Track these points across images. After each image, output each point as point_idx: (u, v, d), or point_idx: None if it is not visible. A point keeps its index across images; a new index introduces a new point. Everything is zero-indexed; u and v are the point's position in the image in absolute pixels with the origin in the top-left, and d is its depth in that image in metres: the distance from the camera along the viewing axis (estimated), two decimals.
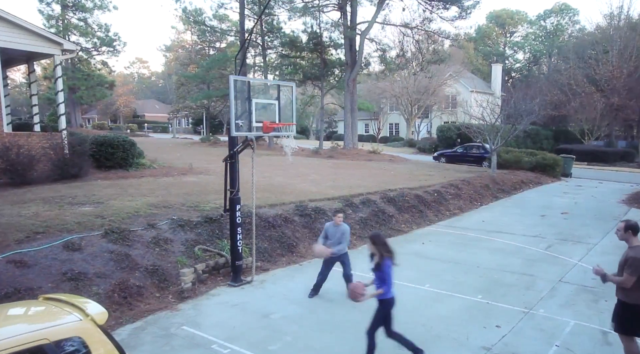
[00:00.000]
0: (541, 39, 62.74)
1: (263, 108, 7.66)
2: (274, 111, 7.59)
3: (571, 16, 62.53)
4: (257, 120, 7.26)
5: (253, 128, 7.18)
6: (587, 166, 29.89)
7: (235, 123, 6.91)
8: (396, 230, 11.66)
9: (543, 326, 6.34)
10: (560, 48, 53.71)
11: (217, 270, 8.37)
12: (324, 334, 6.05)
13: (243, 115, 7.17)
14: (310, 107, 41.18)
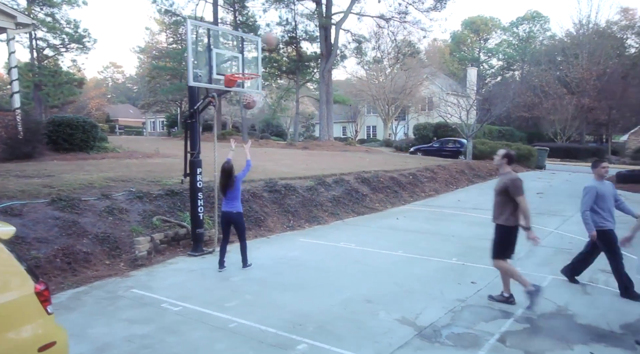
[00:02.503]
0: (514, 46, 64.22)
1: (225, 64, 7.21)
2: (236, 68, 7.15)
3: (542, 23, 64.31)
4: (218, 74, 6.80)
5: (214, 80, 6.69)
6: (560, 162, 30.34)
7: (193, 72, 6.41)
8: (370, 208, 11.27)
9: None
10: (532, 54, 55.06)
11: (177, 240, 7.78)
12: (287, 293, 5.57)
13: (203, 66, 6.69)
14: (284, 113, 40.85)
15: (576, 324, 4.61)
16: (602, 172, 5.57)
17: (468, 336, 4.36)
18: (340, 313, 4.92)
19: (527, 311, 4.91)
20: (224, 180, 6.47)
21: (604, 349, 4.08)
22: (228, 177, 6.46)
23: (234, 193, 6.47)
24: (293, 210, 9.99)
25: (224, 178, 6.47)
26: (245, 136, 24.65)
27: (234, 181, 6.45)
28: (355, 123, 51.12)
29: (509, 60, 63.63)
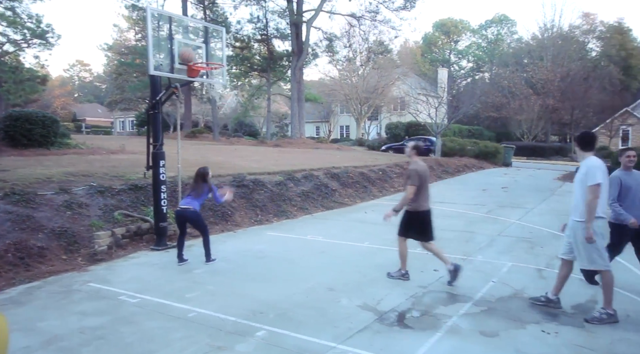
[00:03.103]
0: (483, 48, 65.86)
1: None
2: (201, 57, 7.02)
3: (510, 27, 66.24)
4: (181, 64, 6.66)
5: (176, 70, 6.55)
6: (526, 159, 31.28)
7: (154, 61, 6.26)
8: (339, 202, 11.30)
9: (481, 268, 6.16)
10: (500, 56, 56.63)
11: (140, 235, 7.58)
12: (251, 283, 5.51)
13: (165, 55, 6.55)
14: (257, 113, 40.55)
15: (531, 306, 4.73)
16: (625, 162, 5.14)
17: (427, 319, 4.42)
18: (303, 301, 4.90)
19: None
20: (194, 184, 6.52)
21: (555, 327, 4.20)
22: (200, 181, 6.46)
23: (198, 196, 6.40)
24: (261, 205, 9.91)
25: (195, 182, 6.53)
26: (217, 135, 24.35)
27: (202, 188, 6.41)
28: (329, 123, 51.27)
29: (479, 62, 65.21)
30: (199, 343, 3.85)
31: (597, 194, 4.16)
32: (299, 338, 3.97)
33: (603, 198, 4.29)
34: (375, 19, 22.93)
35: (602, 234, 4.35)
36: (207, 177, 6.48)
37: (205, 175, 6.46)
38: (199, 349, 3.75)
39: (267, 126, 27.95)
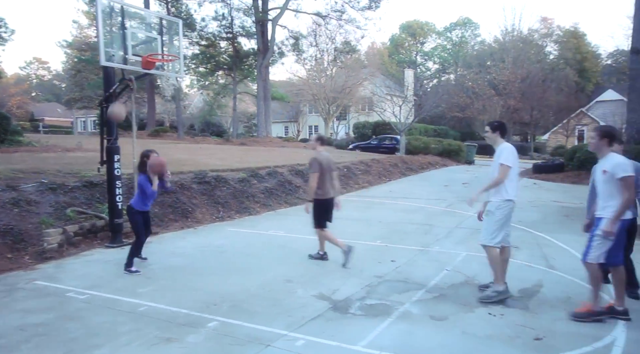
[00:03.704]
0: (449, 50, 67.50)
1: (144, 45, 6.92)
2: (155, 49, 6.87)
3: (473, 29, 68.15)
4: (135, 55, 6.50)
5: (129, 61, 6.38)
6: (489, 158, 32.24)
7: (105, 51, 6.08)
8: (303, 199, 11.27)
9: (436, 258, 6.30)
10: (464, 58, 58.23)
11: (95, 232, 7.33)
12: (207, 277, 5.44)
13: (118, 46, 6.36)
14: (224, 112, 40.07)
15: (481, 292, 4.87)
16: None
17: (380, 306, 4.48)
18: (258, 293, 4.88)
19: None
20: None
21: (501, 309, 4.35)
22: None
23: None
24: (223, 201, 9.79)
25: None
26: (181, 134, 23.88)
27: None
28: (297, 123, 51.25)
29: (444, 64, 66.77)
30: (147, 336, 3.76)
31: (506, 174, 4.44)
32: (251, 327, 3.94)
33: (513, 181, 4.53)
34: (341, 18, 23.13)
35: (505, 215, 4.54)
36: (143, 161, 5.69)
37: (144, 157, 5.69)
38: (147, 341, 3.67)
39: (233, 125, 27.61)
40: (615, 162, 4.00)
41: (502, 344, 3.61)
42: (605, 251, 4.03)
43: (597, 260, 4.06)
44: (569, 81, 45.58)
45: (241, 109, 48.75)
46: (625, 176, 3.91)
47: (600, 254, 4.04)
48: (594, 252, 4.05)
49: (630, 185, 3.92)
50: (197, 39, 24.33)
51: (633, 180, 3.94)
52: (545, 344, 3.62)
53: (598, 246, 4.03)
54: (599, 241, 4.03)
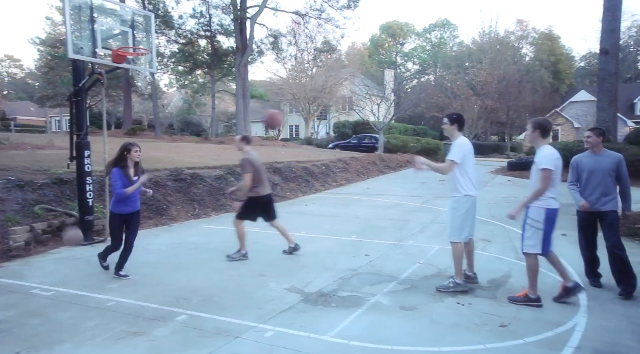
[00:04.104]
0: (428, 51, 68.34)
1: (114, 38, 6.80)
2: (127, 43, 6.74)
3: (452, 31, 69.18)
4: (106, 48, 6.37)
5: (98, 54, 6.26)
6: None
7: (74, 44, 5.94)
8: (280, 196, 11.28)
9: (410, 252, 6.36)
10: (443, 59, 59.06)
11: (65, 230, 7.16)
12: (179, 272, 5.38)
13: (87, 39, 6.23)
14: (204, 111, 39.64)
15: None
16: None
17: (351, 298, 4.50)
18: (230, 287, 4.85)
19: (411, 279, 5.16)
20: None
21: (469, 299, 4.43)
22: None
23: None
24: (199, 199, 9.70)
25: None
26: (159, 133, 23.51)
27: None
28: None
29: (424, 64, 67.56)
30: (113, 330, 3.70)
31: (451, 169, 4.57)
32: (220, 320, 3.92)
33: (466, 176, 4.61)
34: (320, 17, 23.15)
35: (466, 209, 4.63)
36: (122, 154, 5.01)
37: (124, 150, 5.02)
38: (113, 335, 3.60)
39: (212, 124, 27.34)
40: (542, 154, 4.23)
41: (468, 331, 3.68)
42: (541, 241, 4.20)
43: (534, 250, 4.24)
44: (544, 82, 46.78)
45: (221, 109, 48.30)
46: (544, 168, 4.13)
47: (535, 243, 4.22)
48: (528, 242, 4.25)
49: (545, 178, 4.13)
50: (175, 37, 24.00)
51: (549, 174, 4.13)
52: (509, 330, 3.70)
53: (531, 236, 4.23)
54: (530, 231, 4.24)
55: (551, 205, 4.19)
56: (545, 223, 4.18)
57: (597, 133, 4.73)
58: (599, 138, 4.69)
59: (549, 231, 4.22)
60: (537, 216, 4.20)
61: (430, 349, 3.38)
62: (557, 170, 4.21)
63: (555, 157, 4.23)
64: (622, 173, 4.61)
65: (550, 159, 4.16)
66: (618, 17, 14.30)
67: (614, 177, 4.62)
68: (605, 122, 14.35)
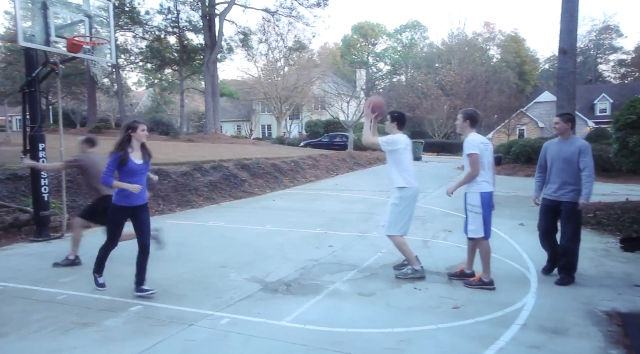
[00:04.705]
0: (399, 52, 69.28)
1: (70, 27, 6.59)
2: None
3: (422, 32, 70.33)
4: (59, 36, 6.16)
5: (52, 42, 6.04)
6: (437, 155, 33.40)
7: (23, 30, 5.72)
8: (248, 192, 11.20)
9: (373, 242, 6.43)
10: (414, 59, 60.04)
11: (18, 227, 6.90)
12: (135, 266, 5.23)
13: (41, 27, 6.00)
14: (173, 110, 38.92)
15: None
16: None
17: (311, 286, 4.52)
18: (190, 278, 4.78)
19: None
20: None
21: (426, 284, 4.52)
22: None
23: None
24: (164, 195, 9.51)
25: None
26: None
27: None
28: (250, 122, 50.73)
29: (395, 65, 68.44)
30: (62, 322, 3.58)
31: (373, 142, 4.87)
32: (176, 309, 3.85)
33: (405, 171, 4.77)
34: (290, 14, 23.10)
35: (407, 204, 4.77)
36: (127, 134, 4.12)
37: (129, 129, 4.14)
38: (60, 327, 3.49)
39: (181, 122, 26.86)
40: (468, 140, 4.42)
41: (422, 314, 3.75)
42: (482, 225, 4.38)
43: (477, 234, 4.42)
44: (510, 83, 48.16)
45: (192, 108, 47.55)
46: (470, 153, 4.34)
47: (477, 228, 4.41)
48: (471, 227, 4.44)
49: (473, 162, 4.34)
50: (142, 34, 23.45)
51: (477, 158, 4.33)
52: (462, 311, 3.79)
53: (473, 221, 4.42)
54: (471, 216, 4.42)
55: (485, 189, 4.38)
56: (482, 207, 4.36)
57: (565, 119, 4.59)
58: (566, 125, 4.54)
59: (486, 215, 4.38)
60: (474, 201, 4.39)
61: (384, 330, 3.43)
62: (484, 154, 4.40)
63: (480, 142, 4.41)
64: (584, 161, 4.38)
65: (475, 144, 4.35)
66: (575, 17, 14.83)
67: (577, 166, 4.41)
68: None
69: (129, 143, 4.12)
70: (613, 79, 58.86)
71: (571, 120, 4.61)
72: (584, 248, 5.85)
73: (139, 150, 4.20)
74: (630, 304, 3.91)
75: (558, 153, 4.57)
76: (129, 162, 4.08)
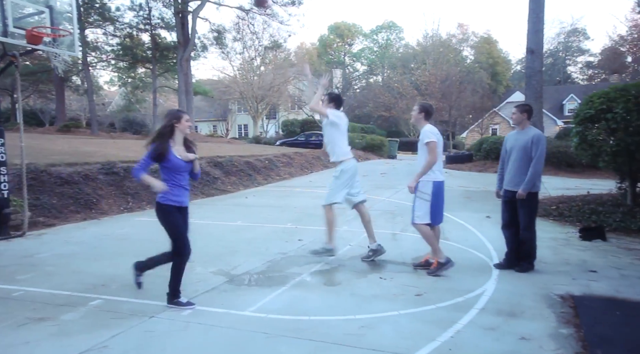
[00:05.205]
0: (376, 53, 69.90)
1: (32, 18, 6.39)
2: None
3: (398, 33, 71.15)
4: (18, 27, 5.97)
5: (10, 33, 5.85)
6: (412, 154, 33.83)
7: None
8: (221, 190, 11.11)
9: (343, 236, 6.47)
10: (390, 60, 60.71)
11: None
12: (101, 261, 5.15)
13: None
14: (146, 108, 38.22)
15: (378, 261, 5.09)
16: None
17: (277, 277, 4.51)
18: (154, 272, 4.64)
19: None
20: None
21: (392, 275, 4.57)
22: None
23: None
24: (133, 192, 9.33)
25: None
26: (95, 129, 22.37)
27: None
28: (226, 122, 50.28)
29: (371, 65, 69.03)
30: (16, 317, 3.47)
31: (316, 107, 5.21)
32: (138, 302, 3.80)
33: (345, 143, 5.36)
34: (264, 13, 22.96)
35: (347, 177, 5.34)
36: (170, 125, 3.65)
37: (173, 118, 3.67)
38: (14, 323, 3.38)
39: (154, 121, 26.39)
40: (424, 130, 4.61)
41: (385, 301, 3.80)
42: (429, 212, 4.53)
43: (423, 220, 4.56)
44: (483, 83, 49.19)
45: (167, 108, 46.78)
46: (428, 141, 4.51)
47: (423, 214, 4.55)
48: (417, 213, 4.59)
49: (432, 149, 4.50)
50: (113, 32, 22.92)
51: (434, 145, 4.50)
52: (424, 298, 3.86)
53: (419, 208, 4.58)
54: (419, 203, 4.59)
55: (437, 178, 4.53)
56: (432, 195, 4.49)
57: (521, 109, 4.64)
58: (522, 115, 4.59)
59: (435, 203, 4.52)
60: (426, 189, 4.53)
61: (347, 317, 3.46)
62: (439, 144, 4.55)
63: (436, 132, 4.60)
64: (535, 151, 4.41)
65: (432, 133, 4.53)
66: (542, 18, 15.28)
67: (531, 156, 4.43)
68: (532, 117, 15.31)
69: (171, 135, 3.65)
70: (581, 81, 60.86)
71: (527, 110, 4.67)
72: (545, 238, 6.06)
73: (182, 144, 3.72)
74: (584, 288, 4.06)
75: (515, 143, 4.65)
76: (170, 157, 3.60)
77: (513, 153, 4.63)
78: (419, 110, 4.72)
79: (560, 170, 14.08)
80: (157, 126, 22.27)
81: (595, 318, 3.26)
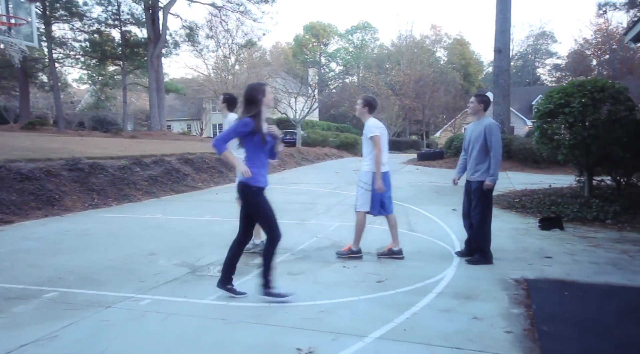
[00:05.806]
0: (351, 53, 70.33)
1: None
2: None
3: (372, 33, 71.82)
4: None
5: None
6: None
7: None
8: (191, 186, 10.97)
9: (311, 229, 6.50)
10: (365, 60, 61.19)
11: None
12: (60, 256, 5.01)
13: None
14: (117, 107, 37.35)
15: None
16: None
17: (241, 268, 4.48)
18: (115, 265, 4.61)
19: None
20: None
21: (356, 263, 4.62)
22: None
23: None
24: (99, 189, 9.11)
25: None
26: (62, 127, 21.70)
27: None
28: (201, 121, 49.64)
29: (347, 65, 69.41)
30: None
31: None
32: (94, 294, 3.71)
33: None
34: (237, 10, 22.81)
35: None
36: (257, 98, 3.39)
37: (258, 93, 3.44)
38: None
39: (124, 118, 25.81)
40: (368, 124, 4.70)
41: (346, 288, 3.84)
42: (369, 201, 4.68)
43: (364, 208, 4.73)
44: (456, 84, 50.26)
45: (139, 107, 45.81)
46: (372, 135, 4.62)
47: (364, 203, 4.71)
48: (359, 201, 4.75)
49: (376, 143, 4.62)
50: (81, 27, 22.25)
51: (379, 139, 4.63)
52: (385, 284, 3.92)
53: (361, 196, 4.74)
54: (360, 192, 4.75)
55: (381, 169, 4.63)
56: (373, 185, 4.62)
57: (479, 99, 4.64)
58: (479, 105, 4.60)
59: (376, 193, 4.64)
60: (367, 179, 4.67)
61: (307, 303, 3.48)
62: (383, 137, 4.68)
63: (380, 126, 4.73)
64: (490, 141, 4.43)
65: (376, 127, 4.65)
66: (508, 19, 15.74)
67: (486, 146, 4.47)
68: (500, 114, 15.73)
69: (260, 109, 3.37)
70: (549, 82, 62.82)
71: (485, 101, 4.69)
72: (507, 228, 6.24)
73: (265, 121, 3.44)
74: (538, 272, 4.21)
75: (471, 134, 4.71)
76: (264, 133, 3.32)
77: (471, 144, 4.69)
78: (362, 104, 4.77)
79: (526, 166, 14.52)
80: (126, 124, 21.50)
81: (545, 298, 3.39)
